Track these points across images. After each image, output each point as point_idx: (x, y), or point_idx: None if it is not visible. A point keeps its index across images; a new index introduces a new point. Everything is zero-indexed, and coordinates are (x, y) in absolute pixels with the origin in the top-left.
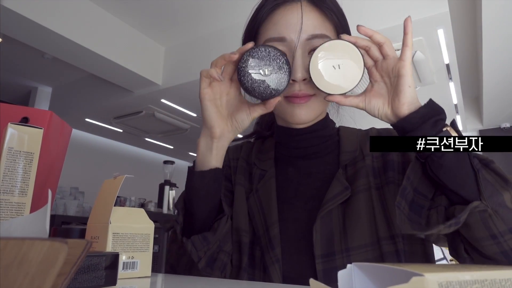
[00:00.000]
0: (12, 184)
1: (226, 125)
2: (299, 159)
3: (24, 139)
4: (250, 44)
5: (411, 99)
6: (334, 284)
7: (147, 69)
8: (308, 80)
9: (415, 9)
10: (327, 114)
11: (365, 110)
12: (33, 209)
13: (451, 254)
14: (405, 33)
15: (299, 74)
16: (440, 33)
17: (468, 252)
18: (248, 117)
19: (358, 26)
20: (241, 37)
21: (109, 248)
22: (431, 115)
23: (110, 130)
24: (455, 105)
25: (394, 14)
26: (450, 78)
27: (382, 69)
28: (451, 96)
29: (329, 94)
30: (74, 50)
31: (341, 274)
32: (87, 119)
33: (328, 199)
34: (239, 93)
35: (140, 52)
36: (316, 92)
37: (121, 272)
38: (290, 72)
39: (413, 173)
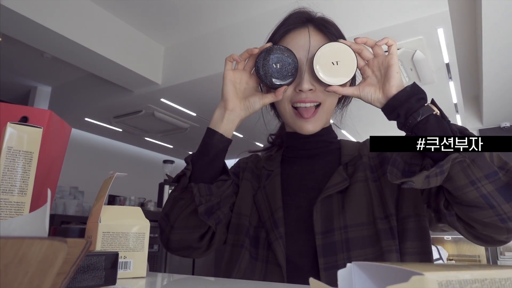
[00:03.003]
0: (11, 184)
1: (239, 102)
2: (304, 159)
3: (24, 138)
4: (268, 44)
5: (399, 81)
6: (333, 257)
7: (146, 69)
8: (314, 90)
9: (415, 8)
10: (331, 125)
11: (360, 97)
12: (33, 208)
13: (435, 209)
14: (387, 43)
15: (305, 85)
16: (440, 32)
17: (447, 207)
18: (260, 101)
19: (355, 39)
20: (242, 39)
21: (99, 247)
22: (415, 93)
23: (110, 129)
24: (455, 104)
25: (394, 13)
26: (450, 78)
27: (374, 65)
28: (451, 95)
29: (329, 85)
30: (74, 50)
31: (341, 273)
32: (86, 119)
33: (328, 187)
34: (257, 86)
35: (139, 51)
36: (320, 100)
37: None
38: (297, 69)
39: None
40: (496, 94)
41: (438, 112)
